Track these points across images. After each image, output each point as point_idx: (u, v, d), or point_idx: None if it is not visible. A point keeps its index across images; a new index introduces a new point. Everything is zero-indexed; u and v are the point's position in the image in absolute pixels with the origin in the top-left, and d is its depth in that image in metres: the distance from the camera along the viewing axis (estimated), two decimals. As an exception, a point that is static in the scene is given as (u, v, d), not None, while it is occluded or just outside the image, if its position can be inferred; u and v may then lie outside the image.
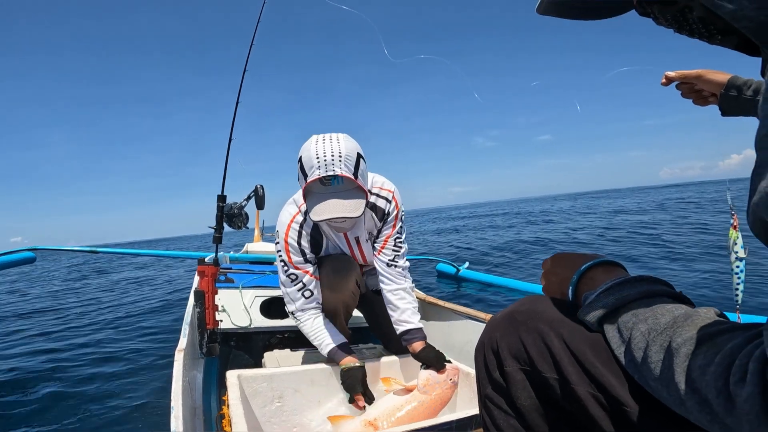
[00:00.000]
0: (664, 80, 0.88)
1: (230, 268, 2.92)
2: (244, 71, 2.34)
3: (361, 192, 1.24)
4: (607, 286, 0.55)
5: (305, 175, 1.21)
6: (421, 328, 1.46)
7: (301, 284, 1.44)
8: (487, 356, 0.66)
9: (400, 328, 1.47)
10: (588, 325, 0.56)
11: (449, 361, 1.39)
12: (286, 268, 1.44)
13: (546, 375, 0.58)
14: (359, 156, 1.24)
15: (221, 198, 2.24)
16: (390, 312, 1.51)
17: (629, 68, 1.13)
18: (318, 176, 1.18)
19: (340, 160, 1.18)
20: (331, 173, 1.17)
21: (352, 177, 1.20)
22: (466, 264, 4.83)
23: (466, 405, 1.36)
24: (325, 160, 1.17)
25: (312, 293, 1.46)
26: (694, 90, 0.86)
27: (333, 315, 1.56)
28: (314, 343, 1.46)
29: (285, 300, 1.51)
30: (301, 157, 1.23)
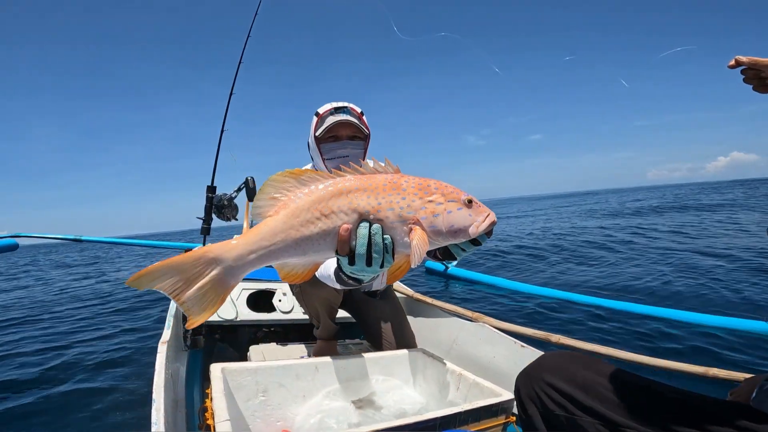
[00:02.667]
0: (732, 62, 0.92)
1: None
2: (240, 61, 2.31)
3: (366, 128, 1.56)
4: None
5: (319, 115, 1.53)
6: None
7: None
8: (516, 399, 0.95)
9: None
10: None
11: None
12: None
13: (557, 413, 0.82)
14: (362, 112, 1.58)
15: (211, 189, 2.21)
16: None
17: (685, 48, 1.15)
18: (330, 107, 1.53)
19: (348, 103, 1.56)
20: (342, 104, 1.55)
21: (359, 112, 1.56)
22: (455, 261, 4.86)
23: (449, 404, 1.35)
24: (336, 102, 1.56)
25: None
26: (759, 77, 0.90)
27: (315, 312, 1.55)
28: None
29: None
30: (317, 111, 1.56)
